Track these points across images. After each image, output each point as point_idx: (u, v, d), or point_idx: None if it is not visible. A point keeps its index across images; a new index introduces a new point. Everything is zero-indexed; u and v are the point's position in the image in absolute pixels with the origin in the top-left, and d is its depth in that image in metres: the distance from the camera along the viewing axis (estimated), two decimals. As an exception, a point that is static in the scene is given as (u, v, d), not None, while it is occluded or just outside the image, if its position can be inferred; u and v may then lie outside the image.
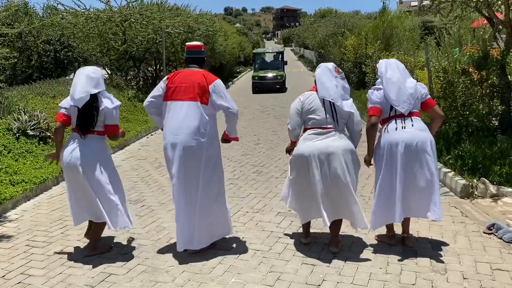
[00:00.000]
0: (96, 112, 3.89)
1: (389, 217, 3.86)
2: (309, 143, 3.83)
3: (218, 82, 3.96)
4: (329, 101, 3.83)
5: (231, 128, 4.11)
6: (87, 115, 3.88)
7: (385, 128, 3.87)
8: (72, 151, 3.88)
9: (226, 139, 4.22)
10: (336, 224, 3.98)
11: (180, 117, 3.84)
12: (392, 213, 3.80)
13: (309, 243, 4.16)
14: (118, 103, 4.04)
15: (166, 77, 4.07)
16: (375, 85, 4.03)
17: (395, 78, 3.81)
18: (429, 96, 3.95)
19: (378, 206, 3.88)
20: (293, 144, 4.04)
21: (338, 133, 3.84)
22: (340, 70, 4.04)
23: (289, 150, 4.17)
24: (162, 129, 4.10)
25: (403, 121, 3.78)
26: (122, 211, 3.96)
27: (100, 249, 4.11)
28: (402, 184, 3.73)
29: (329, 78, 3.88)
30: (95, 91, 3.88)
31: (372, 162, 4.00)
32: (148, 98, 4.07)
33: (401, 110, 3.76)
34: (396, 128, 3.78)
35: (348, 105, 3.87)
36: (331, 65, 4.03)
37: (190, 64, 4.08)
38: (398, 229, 4.13)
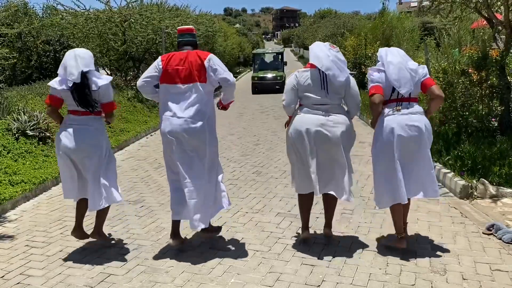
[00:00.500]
0: (88, 90, 3.88)
1: (395, 197, 3.84)
2: (304, 119, 3.85)
3: (212, 55, 3.96)
4: (323, 76, 3.82)
5: (228, 95, 4.12)
6: (83, 94, 3.88)
7: (384, 111, 3.85)
8: (71, 133, 3.89)
9: (223, 106, 4.22)
10: (329, 204, 4.07)
11: (180, 100, 3.84)
12: (396, 193, 3.80)
13: (308, 239, 4.16)
14: (109, 78, 4.08)
15: (159, 58, 4.02)
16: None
17: (396, 61, 3.81)
18: (428, 76, 3.92)
19: (380, 186, 3.91)
20: (290, 118, 4.09)
21: (333, 109, 3.86)
22: (335, 46, 4.04)
23: (287, 123, 4.18)
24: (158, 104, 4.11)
25: (401, 104, 3.79)
26: (110, 190, 4.02)
27: (104, 236, 4.21)
28: (401, 166, 3.75)
29: (321, 49, 3.91)
30: (86, 69, 3.90)
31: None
32: (144, 78, 4.00)
33: (402, 91, 3.74)
34: (393, 111, 3.79)
35: (343, 76, 3.86)
36: (325, 43, 4.08)
37: (183, 46, 4.05)
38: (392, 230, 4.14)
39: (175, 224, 4.09)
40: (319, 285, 3.43)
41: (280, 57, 21.93)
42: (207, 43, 18.28)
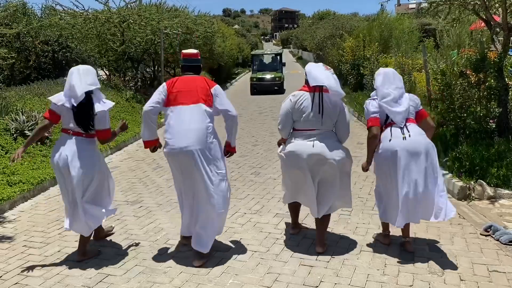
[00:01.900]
0: (91, 111, 3.83)
1: (391, 219, 3.93)
2: (299, 144, 3.87)
3: (218, 86, 4.03)
4: (320, 99, 3.83)
5: (232, 135, 4.08)
6: (85, 114, 3.83)
7: (384, 136, 3.87)
8: (62, 152, 3.81)
9: (229, 150, 4.18)
10: (321, 223, 4.06)
11: (186, 121, 3.81)
12: (393, 217, 3.85)
13: (296, 234, 4.35)
14: (110, 104, 3.97)
15: (164, 83, 4.03)
16: (373, 91, 4.07)
17: (390, 97, 3.84)
18: (421, 107, 4.02)
19: (384, 207, 3.99)
20: (283, 140, 4.12)
21: (326, 135, 3.88)
22: (329, 67, 4.07)
23: (280, 143, 4.22)
24: (146, 143, 4.04)
25: (400, 129, 3.81)
26: (95, 216, 3.93)
27: (89, 254, 4.05)
28: (404, 190, 3.70)
29: (320, 71, 3.93)
30: (91, 88, 3.85)
31: (372, 169, 4.05)
32: (151, 104, 3.93)
33: (396, 122, 3.83)
34: (392, 136, 3.80)
35: (339, 95, 3.88)
36: (319, 63, 4.13)
37: (187, 71, 4.09)
38: (397, 232, 4.14)
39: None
40: (317, 286, 3.43)
41: (278, 58, 21.97)
42: (206, 44, 18.25)
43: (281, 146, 4.15)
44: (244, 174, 6.81)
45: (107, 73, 15.17)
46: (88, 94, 3.84)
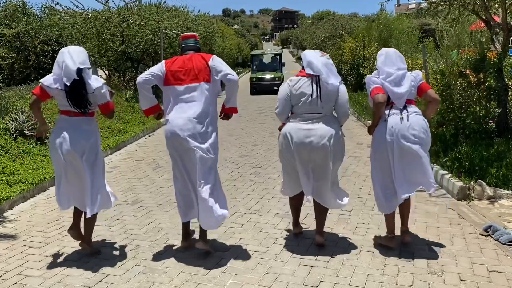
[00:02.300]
0: (84, 91, 3.81)
1: (392, 204, 3.96)
2: (296, 128, 3.87)
3: (215, 56, 4.02)
4: (316, 84, 3.84)
5: (231, 95, 4.08)
6: (78, 94, 3.80)
7: (383, 117, 3.87)
8: (65, 135, 3.81)
9: (226, 112, 4.16)
10: (320, 211, 4.06)
11: (186, 100, 3.84)
12: (394, 201, 3.93)
13: (300, 233, 4.32)
14: (101, 80, 3.99)
15: (163, 61, 4.02)
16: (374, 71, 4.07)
17: (392, 77, 3.85)
18: (423, 81, 3.98)
19: (380, 193, 4.00)
20: (283, 125, 4.10)
21: (325, 118, 3.88)
22: (325, 53, 4.08)
23: (281, 128, 4.19)
24: (146, 110, 4.11)
25: (399, 110, 3.83)
26: (105, 194, 4.01)
27: (92, 247, 4.08)
28: (400, 169, 3.81)
29: (314, 56, 3.94)
30: (82, 66, 3.82)
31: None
32: (145, 75, 3.95)
33: (397, 103, 3.84)
34: (390, 116, 3.82)
35: (336, 80, 3.89)
36: (316, 50, 4.14)
37: (186, 51, 4.07)
38: (397, 231, 4.15)
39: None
40: (316, 286, 3.43)
41: (278, 58, 22.01)
42: (205, 44, 18.30)
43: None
44: (244, 174, 6.81)
45: (107, 73, 15.18)
46: (80, 74, 3.79)
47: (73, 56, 3.83)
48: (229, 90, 4.07)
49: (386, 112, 3.86)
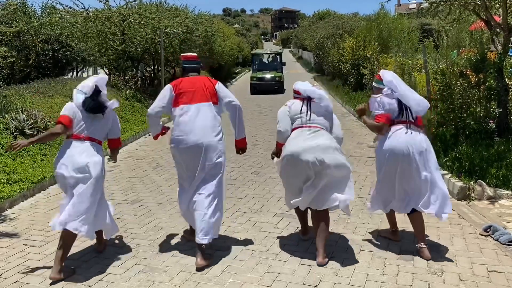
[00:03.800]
0: (102, 99, 3.86)
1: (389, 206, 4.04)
2: (298, 142, 3.84)
3: (219, 82, 4.23)
4: (308, 106, 3.97)
5: (238, 123, 4.19)
6: (97, 100, 3.81)
7: (391, 132, 3.88)
8: (72, 154, 3.70)
9: (240, 146, 4.34)
10: (321, 228, 3.87)
11: (196, 118, 3.94)
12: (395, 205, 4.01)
13: (307, 240, 4.23)
14: (116, 104, 3.98)
15: (169, 85, 4.11)
16: (377, 89, 4.02)
17: (407, 88, 3.95)
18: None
19: (378, 195, 4.09)
20: (280, 146, 4.05)
21: (323, 131, 3.92)
22: (316, 83, 4.16)
23: (275, 154, 4.20)
24: (155, 136, 4.27)
25: (406, 127, 3.86)
26: (112, 220, 4.04)
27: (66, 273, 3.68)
28: (407, 182, 3.86)
29: (302, 83, 4.15)
30: (99, 87, 3.89)
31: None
32: (157, 107, 4.03)
33: (418, 113, 3.90)
34: (399, 132, 3.84)
35: (325, 102, 4.02)
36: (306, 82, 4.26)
37: (189, 73, 4.22)
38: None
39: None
40: (316, 285, 3.44)
41: (278, 58, 21.98)
42: (206, 43, 18.26)
43: (275, 159, 4.18)
44: (244, 174, 6.81)
45: (107, 72, 15.17)
46: (98, 89, 3.87)
47: (92, 80, 3.94)
48: (233, 117, 4.16)
49: (394, 128, 3.90)
